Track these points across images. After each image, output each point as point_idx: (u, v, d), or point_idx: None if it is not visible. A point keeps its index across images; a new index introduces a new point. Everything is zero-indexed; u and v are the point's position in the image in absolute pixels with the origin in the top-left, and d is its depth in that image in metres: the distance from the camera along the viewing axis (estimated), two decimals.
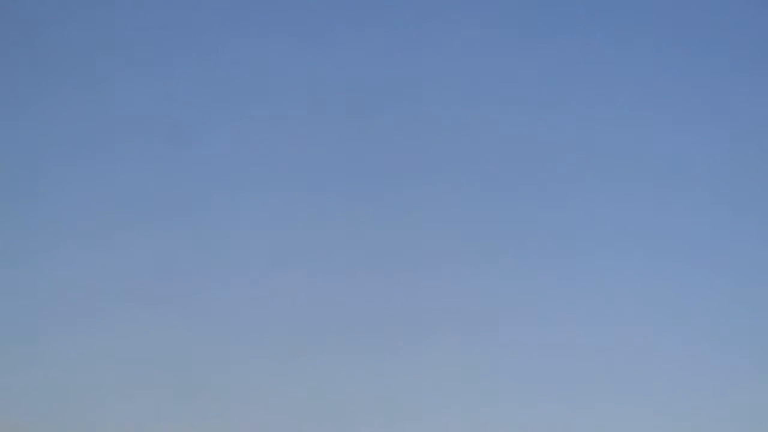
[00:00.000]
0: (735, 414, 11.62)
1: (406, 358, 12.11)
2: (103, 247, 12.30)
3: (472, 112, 12.75)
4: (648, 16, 12.88)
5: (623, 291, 12.31)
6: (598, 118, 12.68)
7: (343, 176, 12.69)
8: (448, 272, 12.41)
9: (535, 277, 12.15)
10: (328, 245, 12.40)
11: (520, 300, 12.14)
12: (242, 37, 12.79)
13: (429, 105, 12.88)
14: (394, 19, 12.67)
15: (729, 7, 12.79)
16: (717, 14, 12.81)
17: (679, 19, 12.94)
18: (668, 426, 11.66)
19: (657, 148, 12.73)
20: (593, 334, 11.82)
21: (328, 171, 12.72)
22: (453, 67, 12.77)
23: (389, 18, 12.71)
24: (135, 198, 12.52)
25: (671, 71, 12.81)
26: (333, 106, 12.75)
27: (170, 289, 12.21)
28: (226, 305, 12.14)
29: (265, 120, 12.67)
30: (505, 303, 12.25)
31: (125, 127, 12.55)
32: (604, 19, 12.82)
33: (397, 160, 12.77)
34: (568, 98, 12.57)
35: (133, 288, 12.12)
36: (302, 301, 12.20)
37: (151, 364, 11.61)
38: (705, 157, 12.62)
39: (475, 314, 12.27)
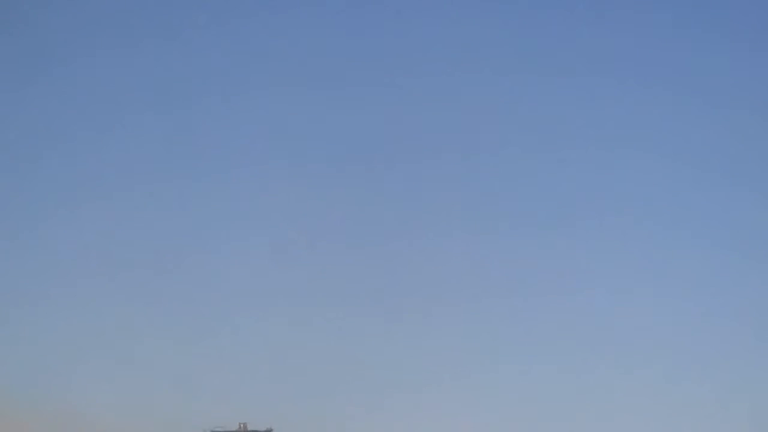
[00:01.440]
0: (734, 381, 12.02)
1: (410, 325, 12.64)
2: (101, 228, 12.75)
3: (472, 88, 13.02)
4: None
5: (625, 262, 12.66)
6: (601, 102, 12.89)
7: (349, 152, 13.05)
8: (453, 244, 12.87)
9: (541, 249, 12.52)
10: (326, 227, 12.79)
11: (524, 270, 12.58)
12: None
13: (435, 80, 13.17)
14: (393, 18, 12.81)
15: None
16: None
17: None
18: (667, 390, 12.14)
19: (666, 131, 12.97)
20: (595, 303, 12.26)
21: (325, 151, 13.07)
22: (456, 47, 12.97)
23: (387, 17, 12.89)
24: (134, 181, 12.93)
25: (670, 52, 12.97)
26: (339, 80, 13.02)
27: (167, 274, 12.68)
28: (223, 287, 12.58)
29: (264, 103, 12.96)
30: (508, 273, 12.73)
31: (126, 111, 12.88)
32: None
33: (396, 140, 13.12)
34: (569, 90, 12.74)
35: (129, 269, 12.60)
36: (300, 281, 12.64)
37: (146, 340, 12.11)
38: (718, 143, 12.85)
39: (479, 284, 12.75)
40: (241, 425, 54.01)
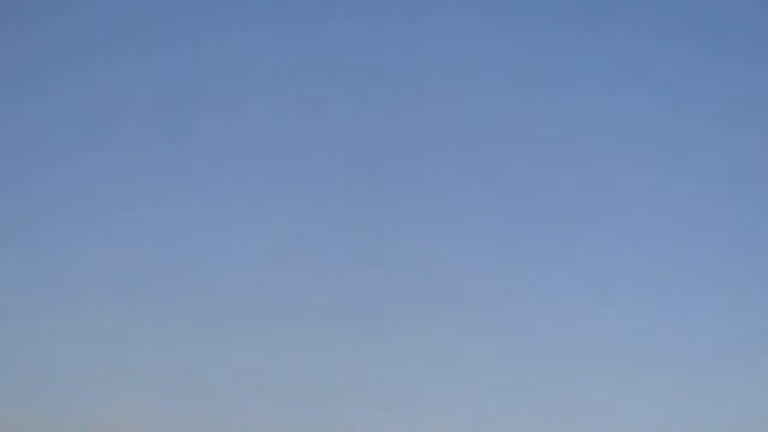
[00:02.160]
0: (735, 407, 11.59)
1: (403, 346, 12.07)
2: (101, 237, 12.25)
3: (472, 99, 12.58)
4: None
5: (623, 280, 12.21)
6: (600, 115, 12.49)
7: (342, 169, 12.58)
8: (447, 262, 12.34)
9: (534, 266, 12.05)
10: (327, 238, 12.33)
11: (519, 289, 12.05)
12: (240, 30, 12.63)
13: (431, 96, 12.71)
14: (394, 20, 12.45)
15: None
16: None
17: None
18: (670, 417, 11.65)
19: (661, 141, 12.56)
20: (588, 325, 11.74)
21: (326, 163, 12.61)
22: (454, 63, 12.57)
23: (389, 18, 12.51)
24: (133, 191, 12.45)
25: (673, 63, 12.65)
26: (333, 98, 12.62)
27: (166, 283, 12.19)
28: (224, 298, 12.09)
29: (263, 112, 12.53)
30: (502, 292, 12.17)
31: (124, 121, 12.44)
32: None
33: (397, 151, 12.64)
34: (571, 98, 12.37)
35: (128, 279, 12.09)
36: (301, 291, 12.14)
37: (144, 355, 11.61)
38: (711, 151, 12.47)
39: (473, 302, 12.20)
40: None
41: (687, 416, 11.78)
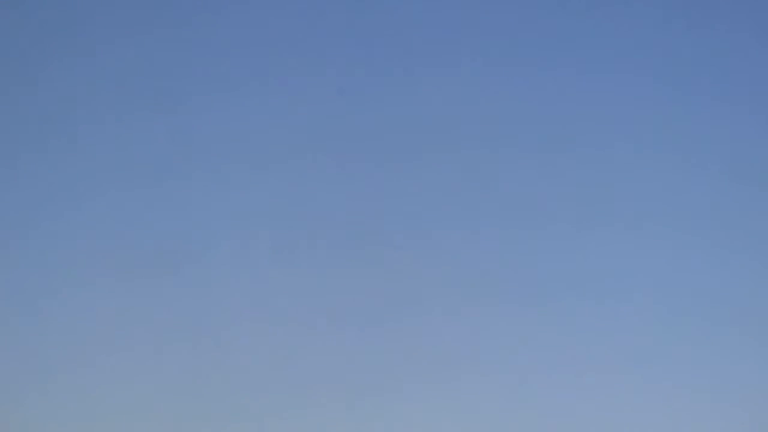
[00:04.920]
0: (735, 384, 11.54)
1: (417, 330, 12.15)
2: (99, 229, 12.31)
3: (474, 159, 12.49)
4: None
5: (629, 264, 12.14)
6: (606, 172, 12.29)
7: (330, 229, 12.59)
8: (460, 244, 12.36)
9: (525, 328, 12.03)
10: (337, 222, 12.34)
11: (508, 350, 12.09)
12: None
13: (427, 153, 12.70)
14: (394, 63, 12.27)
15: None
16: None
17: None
18: (669, 395, 11.67)
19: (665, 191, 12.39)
20: (583, 388, 11.71)
21: (337, 142, 12.58)
22: (452, 119, 12.41)
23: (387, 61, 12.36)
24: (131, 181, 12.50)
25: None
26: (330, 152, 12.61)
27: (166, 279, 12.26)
28: (234, 281, 12.15)
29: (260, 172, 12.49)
30: (491, 353, 12.23)
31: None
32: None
33: (386, 213, 12.61)
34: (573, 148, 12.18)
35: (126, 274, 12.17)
36: (289, 350, 12.23)
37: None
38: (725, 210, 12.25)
39: (459, 366, 12.28)
40: None
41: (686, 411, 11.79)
